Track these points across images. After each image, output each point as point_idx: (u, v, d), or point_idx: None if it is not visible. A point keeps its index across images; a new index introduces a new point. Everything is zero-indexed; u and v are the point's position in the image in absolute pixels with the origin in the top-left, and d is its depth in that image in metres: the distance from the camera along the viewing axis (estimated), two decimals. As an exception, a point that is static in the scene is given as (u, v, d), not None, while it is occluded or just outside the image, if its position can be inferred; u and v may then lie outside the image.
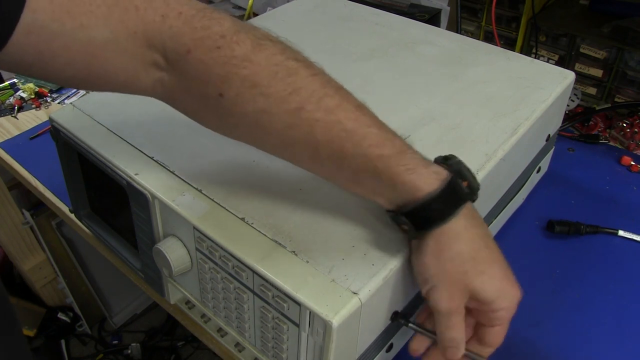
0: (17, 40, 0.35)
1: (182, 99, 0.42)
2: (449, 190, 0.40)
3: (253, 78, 0.38)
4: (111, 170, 0.53)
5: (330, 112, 0.39)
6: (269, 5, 1.16)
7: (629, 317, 0.60)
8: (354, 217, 0.47)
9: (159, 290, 0.58)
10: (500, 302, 0.42)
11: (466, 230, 0.41)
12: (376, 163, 0.39)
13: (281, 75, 0.38)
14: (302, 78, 0.39)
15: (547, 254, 0.67)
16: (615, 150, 0.84)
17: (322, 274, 0.42)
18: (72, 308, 1.50)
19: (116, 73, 0.39)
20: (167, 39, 0.38)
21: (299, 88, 0.38)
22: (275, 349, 0.46)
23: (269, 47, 0.39)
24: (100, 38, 0.37)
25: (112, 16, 0.37)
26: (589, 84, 0.95)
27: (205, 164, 0.52)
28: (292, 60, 0.39)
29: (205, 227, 0.46)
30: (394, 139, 0.40)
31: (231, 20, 0.40)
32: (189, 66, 0.39)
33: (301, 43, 0.42)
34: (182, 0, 0.39)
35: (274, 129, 0.40)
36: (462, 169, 0.41)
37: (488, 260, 0.41)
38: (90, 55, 0.38)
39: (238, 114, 0.39)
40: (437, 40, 0.73)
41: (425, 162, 0.41)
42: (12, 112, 0.97)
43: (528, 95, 0.62)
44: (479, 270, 0.41)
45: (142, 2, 0.38)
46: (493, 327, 0.43)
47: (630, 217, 0.72)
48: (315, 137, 0.39)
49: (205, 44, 0.38)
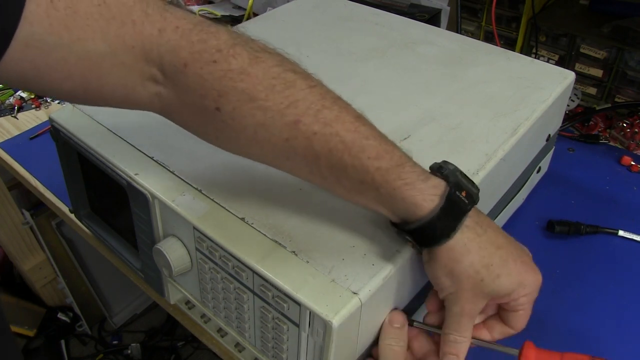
0: (14, 54, 0.35)
1: (180, 113, 0.42)
2: (449, 206, 0.39)
3: (250, 91, 0.38)
4: (111, 170, 0.53)
5: (328, 125, 0.38)
6: (269, 5, 1.16)
7: (629, 317, 0.60)
8: (354, 218, 0.47)
9: (159, 290, 0.58)
10: (520, 290, 0.42)
11: (473, 240, 0.41)
12: (374, 176, 0.39)
13: (279, 88, 0.38)
14: (300, 90, 0.39)
15: (547, 254, 0.67)
16: (615, 150, 0.84)
17: (322, 274, 0.42)
18: (72, 308, 1.50)
19: (113, 87, 0.39)
20: (164, 52, 0.38)
21: (297, 100, 0.38)
22: (275, 349, 0.46)
23: (266, 60, 0.39)
24: (97, 52, 0.37)
25: (110, 30, 0.37)
26: (589, 84, 0.95)
27: (205, 164, 0.52)
28: (290, 72, 0.39)
29: (205, 227, 0.46)
30: (392, 150, 0.40)
31: (228, 34, 0.39)
32: (186, 80, 0.38)
33: (301, 43, 0.42)
34: (179, 14, 0.39)
35: (272, 142, 0.39)
36: (459, 180, 0.41)
37: (502, 262, 0.41)
38: (88, 69, 0.38)
39: (236, 127, 0.39)
40: (437, 40, 0.73)
41: (423, 176, 0.40)
42: (12, 112, 0.97)
43: (528, 95, 0.62)
44: (495, 274, 0.41)
45: (139, 16, 0.38)
46: (516, 312, 0.44)
47: (630, 217, 0.72)
48: (313, 149, 0.39)
49: (202, 57, 0.38)
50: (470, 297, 0.42)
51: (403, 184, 0.39)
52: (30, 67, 0.36)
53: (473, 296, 0.42)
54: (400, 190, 0.39)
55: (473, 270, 0.41)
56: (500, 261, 0.41)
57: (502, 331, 0.46)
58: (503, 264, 0.41)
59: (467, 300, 0.42)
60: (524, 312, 0.44)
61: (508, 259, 0.42)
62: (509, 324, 0.45)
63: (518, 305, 0.43)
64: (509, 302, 0.43)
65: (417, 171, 0.40)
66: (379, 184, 0.39)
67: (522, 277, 0.42)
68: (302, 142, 0.39)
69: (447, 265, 0.41)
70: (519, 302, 0.43)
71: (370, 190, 0.40)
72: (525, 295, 0.43)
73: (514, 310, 0.44)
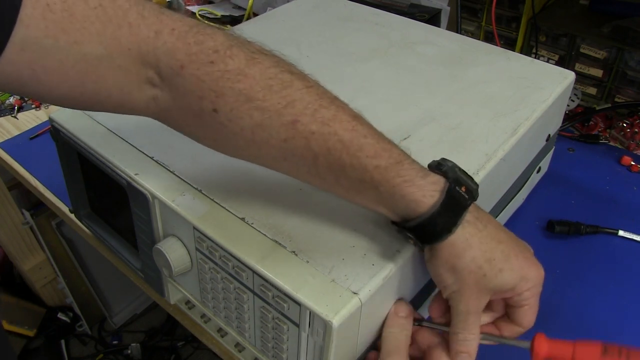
0: (10, 57, 0.35)
1: (176, 117, 0.42)
2: (450, 201, 0.40)
3: (248, 92, 0.38)
4: (111, 170, 0.53)
5: (325, 124, 0.38)
6: (269, 5, 1.16)
7: (629, 317, 0.60)
8: (354, 218, 0.47)
9: (159, 290, 0.58)
10: (523, 285, 0.42)
11: (474, 235, 0.41)
12: (373, 174, 0.39)
13: (276, 88, 0.38)
14: (297, 90, 0.39)
15: (547, 254, 0.67)
16: (615, 150, 0.84)
17: (322, 274, 0.42)
18: (72, 308, 1.50)
19: (110, 91, 0.39)
20: (161, 55, 0.38)
21: (294, 100, 0.38)
22: (275, 349, 0.46)
23: (263, 61, 0.39)
24: (94, 54, 0.37)
25: (106, 33, 0.37)
26: (589, 84, 0.95)
27: (205, 164, 0.52)
28: (287, 73, 0.39)
29: (205, 227, 0.46)
30: (391, 149, 0.40)
31: (224, 35, 0.40)
32: (183, 82, 0.38)
33: (301, 43, 0.42)
34: (175, 17, 0.39)
35: (270, 143, 0.39)
36: (458, 176, 0.41)
37: (503, 257, 0.42)
38: (84, 72, 0.37)
39: (233, 129, 0.39)
40: (437, 40, 0.73)
41: (422, 173, 0.40)
42: (12, 112, 0.97)
43: (528, 95, 0.62)
44: (497, 269, 0.41)
45: (136, 19, 0.38)
46: (522, 307, 0.44)
47: (630, 217, 0.72)
48: (312, 149, 0.39)
49: (199, 59, 0.38)
50: (475, 293, 0.42)
51: (402, 181, 0.39)
52: (27, 70, 0.36)
53: (477, 292, 0.42)
54: (400, 188, 0.39)
55: (475, 265, 0.41)
56: (502, 256, 0.41)
57: (511, 330, 0.45)
58: (505, 258, 0.42)
59: (471, 296, 0.42)
60: (530, 308, 0.44)
61: (510, 254, 0.42)
62: (517, 322, 0.45)
63: (522, 300, 0.43)
64: (513, 296, 0.43)
65: (416, 168, 0.40)
66: (378, 182, 0.39)
67: (524, 271, 0.42)
68: (300, 142, 0.39)
69: (449, 261, 0.41)
70: (523, 296, 0.43)
71: (369, 189, 0.40)
72: (528, 289, 0.43)
73: (520, 306, 0.44)
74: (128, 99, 0.40)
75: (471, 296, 0.42)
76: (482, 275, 0.41)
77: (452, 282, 0.42)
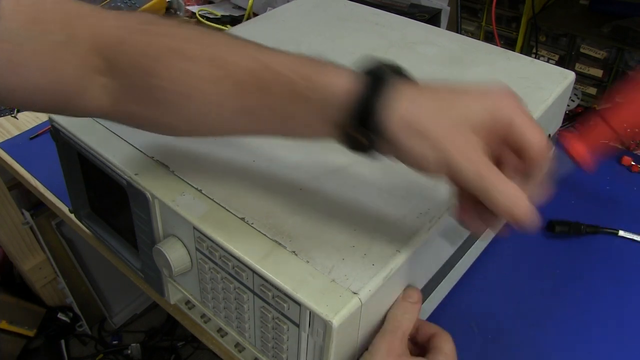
0: None
1: (125, 103, 0.43)
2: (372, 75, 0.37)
3: (177, 46, 0.41)
4: (111, 170, 0.53)
5: (246, 54, 0.40)
6: (269, 5, 1.16)
7: (629, 317, 0.60)
8: (354, 217, 0.47)
9: (159, 290, 0.58)
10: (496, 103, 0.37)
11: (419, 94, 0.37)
12: (295, 80, 0.39)
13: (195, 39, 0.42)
14: (211, 36, 0.42)
15: (547, 254, 0.67)
16: (616, 150, 0.84)
17: (322, 274, 0.42)
18: (72, 308, 1.50)
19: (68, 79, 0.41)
20: (105, 36, 0.41)
21: (212, 43, 0.41)
22: (275, 349, 0.46)
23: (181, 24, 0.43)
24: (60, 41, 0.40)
25: (70, 22, 0.41)
26: (589, 84, 0.95)
27: (205, 164, 0.52)
28: (198, 29, 0.43)
29: (205, 227, 0.46)
30: (310, 59, 0.40)
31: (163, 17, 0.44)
32: (123, 58, 0.41)
33: (301, 43, 0.42)
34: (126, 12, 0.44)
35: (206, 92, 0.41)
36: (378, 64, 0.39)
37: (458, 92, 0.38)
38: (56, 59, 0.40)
39: (175, 90, 0.41)
40: (437, 40, 0.73)
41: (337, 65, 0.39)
42: (12, 112, 0.97)
43: (528, 95, 0.62)
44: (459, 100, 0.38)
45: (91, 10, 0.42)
46: (524, 135, 0.37)
47: (631, 217, 0.72)
48: (240, 81, 0.40)
49: (135, 29, 0.42)
50: (461, 143, 0.36)
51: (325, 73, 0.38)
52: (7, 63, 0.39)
53: (465, 140, 0.36)
54: (323, 77, 0.38)
55: (434, 113, 0.36)
56: (456, 92, 0.38)
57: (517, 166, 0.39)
58: (461, 92, 0.38)
59: (463, 150, 0.36)
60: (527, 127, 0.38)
61: (461, 89, 0.39)
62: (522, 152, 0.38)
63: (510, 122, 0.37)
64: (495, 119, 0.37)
65: (331, 63, 0.39)
66: (304, 87, 0.38)
67: (486, 94, 0.38)
68: (225, 73, 0.40)
69: (409, 129, 0.36)
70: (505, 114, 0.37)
71: (299, 101, 0.39)
72: (506, 106, 0.38)
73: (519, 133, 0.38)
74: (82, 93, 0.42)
75: (463, 150, 0.36)
76: (448, 117, 0.36)
77: (430, 147, 0.36)
